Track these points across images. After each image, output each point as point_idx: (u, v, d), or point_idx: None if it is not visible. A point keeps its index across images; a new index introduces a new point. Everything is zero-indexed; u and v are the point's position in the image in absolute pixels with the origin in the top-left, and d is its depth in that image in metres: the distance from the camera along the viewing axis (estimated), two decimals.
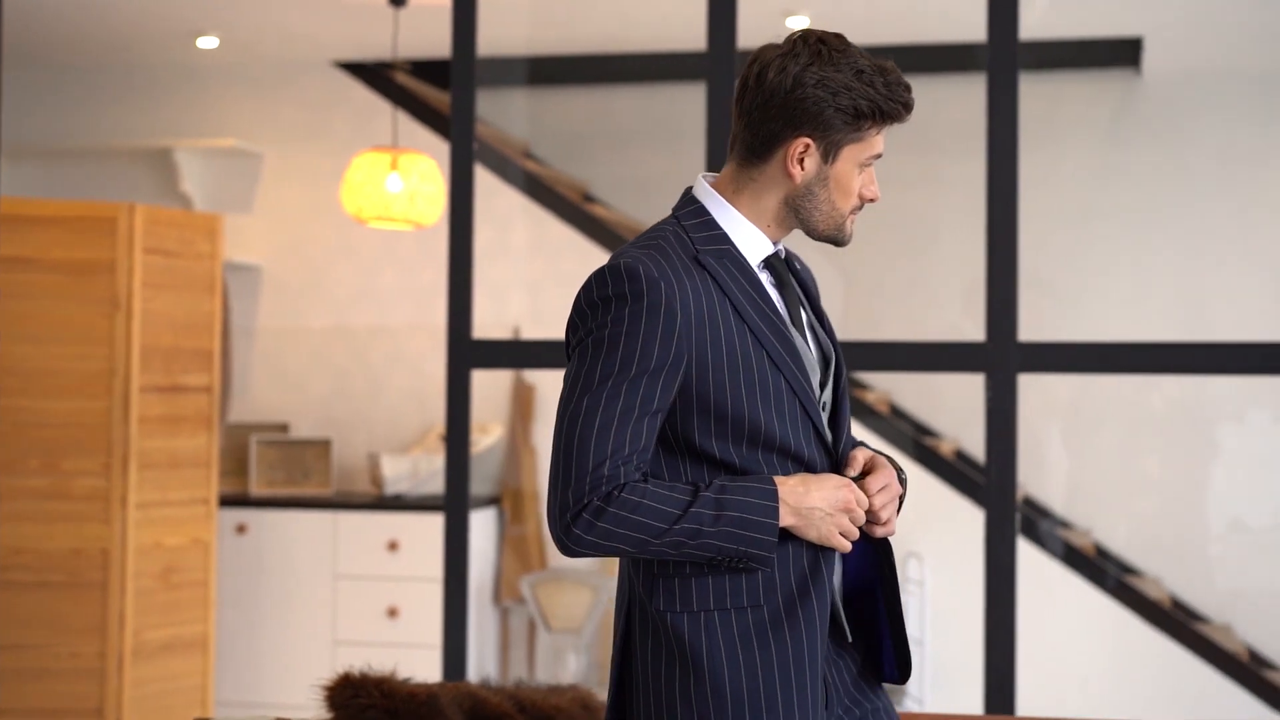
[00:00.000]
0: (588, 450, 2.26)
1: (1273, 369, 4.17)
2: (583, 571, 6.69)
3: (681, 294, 2.30)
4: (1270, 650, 6.67)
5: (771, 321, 2.37)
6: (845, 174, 2.42)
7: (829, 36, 2.39)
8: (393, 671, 2.92)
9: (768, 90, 2.37)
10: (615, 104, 7.56)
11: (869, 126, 2.39)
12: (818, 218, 2.44)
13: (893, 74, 2.39)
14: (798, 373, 2.38)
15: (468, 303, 4.51)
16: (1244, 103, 6.93)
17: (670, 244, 2.37)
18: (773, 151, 2.39)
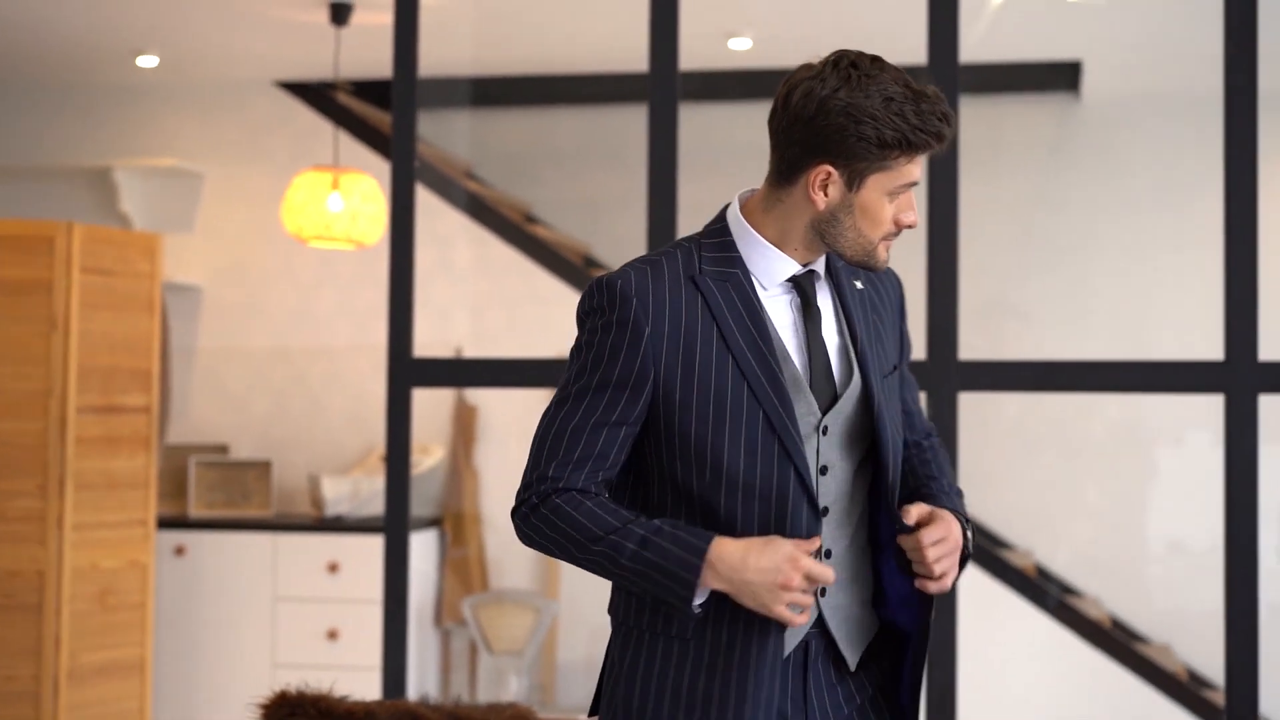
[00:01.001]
0: (541, 452, 2.34)
1: (1210, 388, 4.19)
2: (524, 593, 6.66)
3: (655, 312, 2.31)
4: (1209, 670, 6.70)
5: (760, 352, 2.34)
6: (872, 202, 2.34)
7: (862, 59, 2.33)
8: (330, 690, 2.89)
9: (792, 114, 2.32)
10: (558, 125, 7.55)
11: (896, 156, 2.31)
12: (844, 244, 2.38)
13: (928, 102, 2.31)
14: (779, 407, 2.33)
15: (408, 320, 4.48)
16: (1181, 126, 6.99)
17: (673, 260, 2.38)
18: (796, 176, 2.34)
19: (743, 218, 2.40)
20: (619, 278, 2.34)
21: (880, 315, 2.51)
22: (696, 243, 2.41)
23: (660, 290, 2.33)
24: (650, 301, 2.31)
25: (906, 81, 2.32)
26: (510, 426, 6.96)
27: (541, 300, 6.96)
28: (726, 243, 2.39)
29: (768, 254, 2.38)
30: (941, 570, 2.36)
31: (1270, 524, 6.71)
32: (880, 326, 2.50)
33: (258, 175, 7.20)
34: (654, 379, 2.32)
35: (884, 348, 2.48)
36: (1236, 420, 4.13)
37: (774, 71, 7.17)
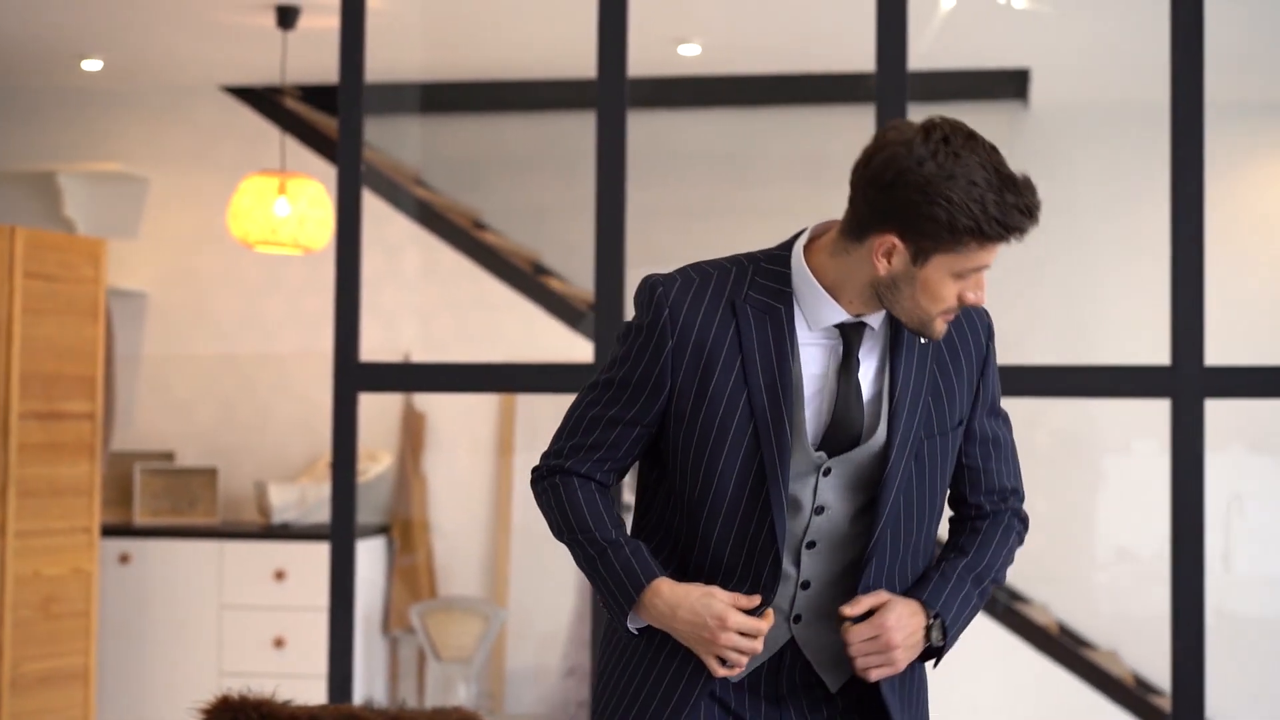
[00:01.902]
0: (565, 428, 2.45)
1: (1157, 392, 4.20)
2: (473, 600, 6.64)
3: (684, 328, 2.34)
4: (1155, 676, 6.73)
5: (775, 395, 2.33)
6: (935, 280, 2.27)
7: (956, 134, 2.22)
8: (273, 694, 2.86)
9: (871, 174, 2.24)
10: (507, 132, 7.53)
11: (967, 241, 2.23)
12: (900, 311, 2.32)
13: (1014, 193, 2.21)
14: (776, 454, 2.33)
15: (355, 325, 4.46)
16: (1128, 134, 7.02)
17: (724, 277, 2.37)
18: (864, 237, 2.28)
19: (805, 257, 2.35)
20: (662, 284, 2.37)
21: (954, 368, 2.44)
22: (756, 263, 2.38)
23: (696, 308, 2.35)
24: (682, 317, 2.34)
25: (997, 166, 2.21)
26: (459, 433, 6.93)
27: (490, 307, 6.94)
28: (782, 275, 2.35)
29: (819, 298, 2.34)
30: (863, 666, 2.37)
31: (1216, 530, 6.77)
32: (952, 379, 2.44)
33: (204, 181, 7.15)
34: (669, 390, 2.37)
35: (947, 403, 2.43)
36: (1183, 424, 4.15)
37: (723, 78, 7.19)
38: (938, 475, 2.45)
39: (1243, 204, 7.01)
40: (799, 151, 7.29)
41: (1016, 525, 2.55)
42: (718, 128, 7.37)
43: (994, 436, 2.52)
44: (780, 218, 7.31)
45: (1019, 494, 2.56)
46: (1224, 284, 6.25)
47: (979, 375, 2.47)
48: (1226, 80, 5.94)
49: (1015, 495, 2.56)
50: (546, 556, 6.77)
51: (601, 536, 2.40)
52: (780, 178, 7.34)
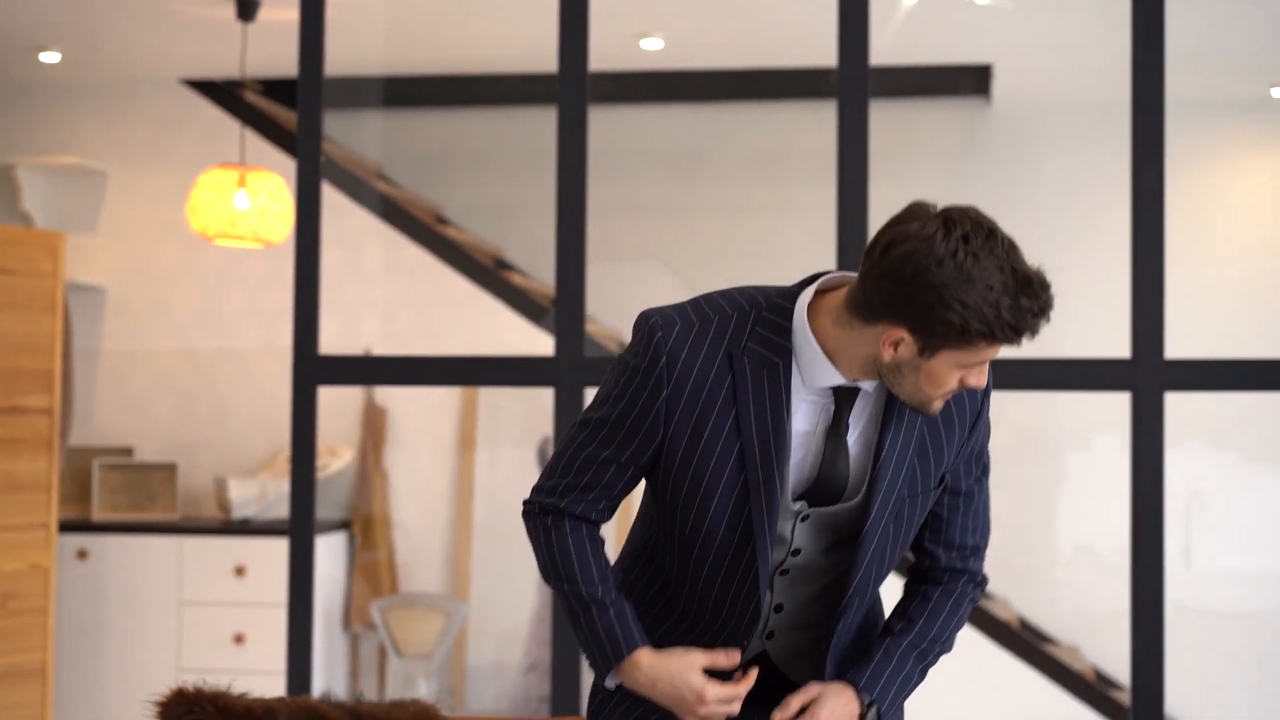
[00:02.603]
0: (557, 466, 2.45)
1: (1117, 385, 4.21)
2: (434, 596, 6.62)
3: (679, 378, 2.32)
4: (1116, 670, 6.75)
5: (769, 451, 2.33)
6: (940, 371, 2.26)
7: (976, 232, 2.19)
8: (229, 686, 2.84)
9: (886, 266, 2.19)
10: (470, 126, 7.51)
11: (979, 342, 2.21)
12: (898, 390, 2.31)
13: (1029, 297, 2.19)
14: (765, 513, 2.34)
15: (314, 317, 4.43)
16: (1089, 131, 7.04)
17: (724, 323, 2.34)
18: (873, 321, 2.24)
19: (808, 318, 2.32)
20: (661, 329, 2.33)
21: (945, 429, 2.43)
22: (758, 310, 2.34)
23: (694, 356, 2.32)
24: (679, 366, 2.32)
25: (1015, 265, 2.19)
26: (420, 429, 6.91)
27: (452, 302, 6.91)
28: (783, 329, 2.32)
29: (817, 361, 2.31)
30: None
31: (1177, 526, 6.79)
32: (941, 440, 2.42)
33: (163, 174, 7.11)
34: (663, 434, 2.36)
35: (934, 462, 2.42)
36: (1143, 417, 4.16)
37: (686, 73, 7.18)
38: (914, 527, 2.48)
39: (1203, 201, 7.04)
40: (761, 147, 7.29)
41: (970, 591, 2.56)
42: (680, 123, 7.37)
43: (965, 490, 2.51)
44: (743, 214, 7.35)
45: (979, 553, 2.56)
46: (1184, 279, 6.28)
47: (969, 433, 2.46)
48: (1187, 77, 5.97)
49: (975, 555, 2.55)
50: (508, 553, 6.75)
51: (588, 593, 2.41)
52: (742, 173, 7.34)
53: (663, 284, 7.28)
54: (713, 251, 7.32)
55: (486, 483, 6.82)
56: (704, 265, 7.29)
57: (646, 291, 7.25)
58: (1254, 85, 6.89)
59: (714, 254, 7.32)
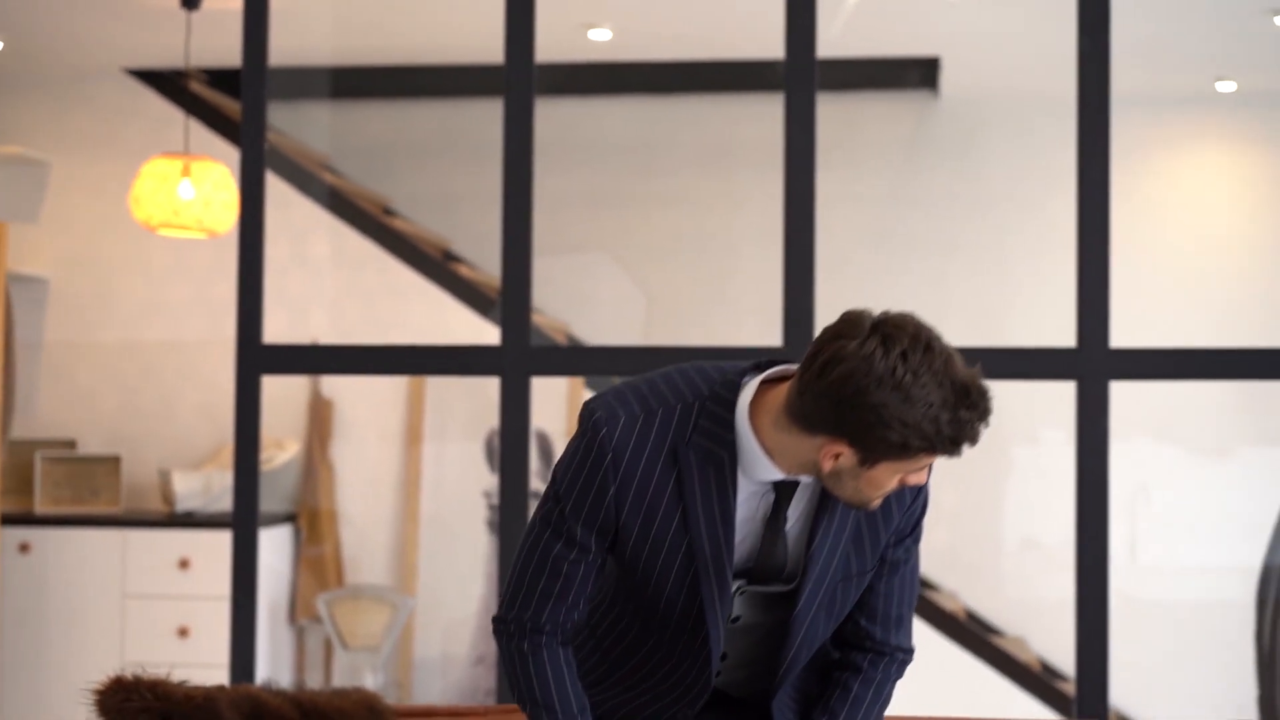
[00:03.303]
0: (523, 580, 2.44)
1: (1063, 374, 4.23)
2: (381, 589, 6.59)
3: (626, 474, 2.34)
4: (1061, 662, 6.78)
5: (718, 543, 2.35)
6: (880, 478, 2.28)
7: (914, 348, 2.18)
8: (168, 674, 2.81)
9: (825, 385, 2.20)
10: (417, 118, 7.48)
11: (919, 454, 2.23)
12: (839, 494, 2.33)
13: (969, 408, 2.20)
14: (716, 596, 2.37)
15: (258, 305, 4.40)
16: (1036, 124, 7.07)
17: (668, 416, 2.35)
18: (813, 433, 2.26)
19: (749, 416, 2.32)
20: (605, 424, 2.35)
21: (883, 513, 2.44)
22: (702, 402, 2.35)
23: (639, 453, 2.34)
24: (625, 462, 2.34)
25: (953, 379, 2.19)
26: (367, 422, 6.88)
27: (400, 294, 6.89)
28: (726, 422, 2.33)
29: (757, 458, 2.33)
30: None
31: (1122, 519, 6.82)
32: (878, 525, 2.44)
33: (107, 164, 7.05)
34: (615, 525, 2.38)
35: (869, 546, 2.44)
36: (1088, 406, 4.17)
37: (634, 64, 7.16)
38: (849, 605, 2.50)
39: (1149, 193, 7.08)
40: (709, 139, 7.28)
41: (893, 673, 2.57)
42: (627, 115, 7.36)
43: (893, 560, 2.51)
44: (690, 206, 7.34)
45: (903, 623, 2.57)
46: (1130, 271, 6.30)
47: (905, 515, 2.47)
48: (1133, 70, 5.99)
49: (899, 627, 2.56)
50: (454, 546, 6.73)
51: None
52: (689, 166, 7.33)
53: (610, 276, 7.28)
54: (660, 243, 7.31)
55: (433, 476, 6.79)
56: (652, 257, 7.28)
57: (595, 284, 7.25)
58: (1199, 79, 6.93)
59: (662, 246, 7.31)
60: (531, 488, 6.41)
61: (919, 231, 7.16)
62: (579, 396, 6.78)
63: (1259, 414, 7.00)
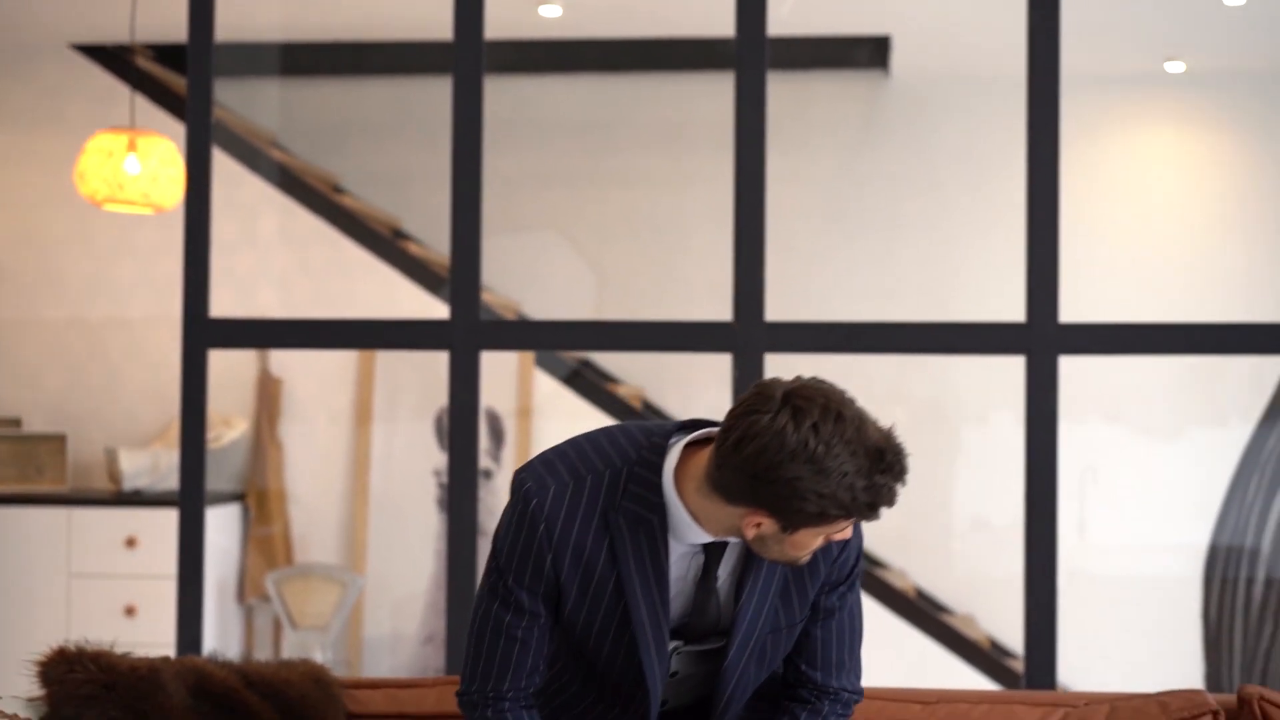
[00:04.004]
0: (478, 656, 2.48)
1: (1012, 349, 4.23)
2: (330, 567, 6.56)
3: (560, 541, 2.38)
4: (1010, 640, 6.81)
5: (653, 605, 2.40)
6: (803, 541, 2.32)
7: (825, 420, 2.22)
8: (111, 646, 2.78)
9: (739, 460, 2.24)
10: (366, 95, 7.44)
11: (838, 520, 2.28)
12: (765, 556, 2.37)
13: (883, 473, 2.24)
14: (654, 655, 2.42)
15: (204, 279, 4.36)
16: (987, 103, 7.08)
17: (597, 483, 2.39)
18: (734, 504, 2.30)
19: (674, 481, 2.37)
20: (536, 494, 2.39)
21: (808, 571, 2.48)
22: (630, 467, 2.39)
23: (571, 520, 2.38)
24: (558, 529, 2.38)
25: (866, 445, 2.24)
26: (316, 400, 6.84)
27: (349, 272, 6.85)
28: (654, 486, 2.37)
29: (684, 523, 2.37)
30: None
31: (1071, 499, 6.85)
32: (805, 580, 2.48)
33: (52, 141, 6.98)
34: (557, 588, 2.43)
35: (797, 600, 2.48)
36: (1037, 380, 4.18)
37: (585, 42, 7.14)
38: (780, 655, 2.55)
39: (1098, 173, 7.10)
40: (660, 118, 7.27)
41: (839, 710, 2.61)
42: (578, 93, 7.33)
43: (827, 608, 2.55)
44: (641, 185, 7.32)
45: (845, 668, 2.60)
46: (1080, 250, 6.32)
47: (832, 564, 2.50)
48: (1082, 51, 6.01)
49: (840, 671, 2.60)
50: (404, 525, 6.70)
51: None
52: (640, 144, 7.32)
53: (561, 255, 7.26)
54: (611, 222, 7.30)
55: (383, 455, 6.76)
56: (603, 236, 7.27)
57: (546, 263, 7.22)
58: (1148, 59, 6.95)
59: (613, 225, 7.29)
60: (481, 465, 6.39)
61: (869, 210, 7.17)
62: (529, 375, 6.76)
63: (1207, 395, 7.04)
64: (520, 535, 2.41)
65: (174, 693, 2.72)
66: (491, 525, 6.55)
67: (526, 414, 6.74)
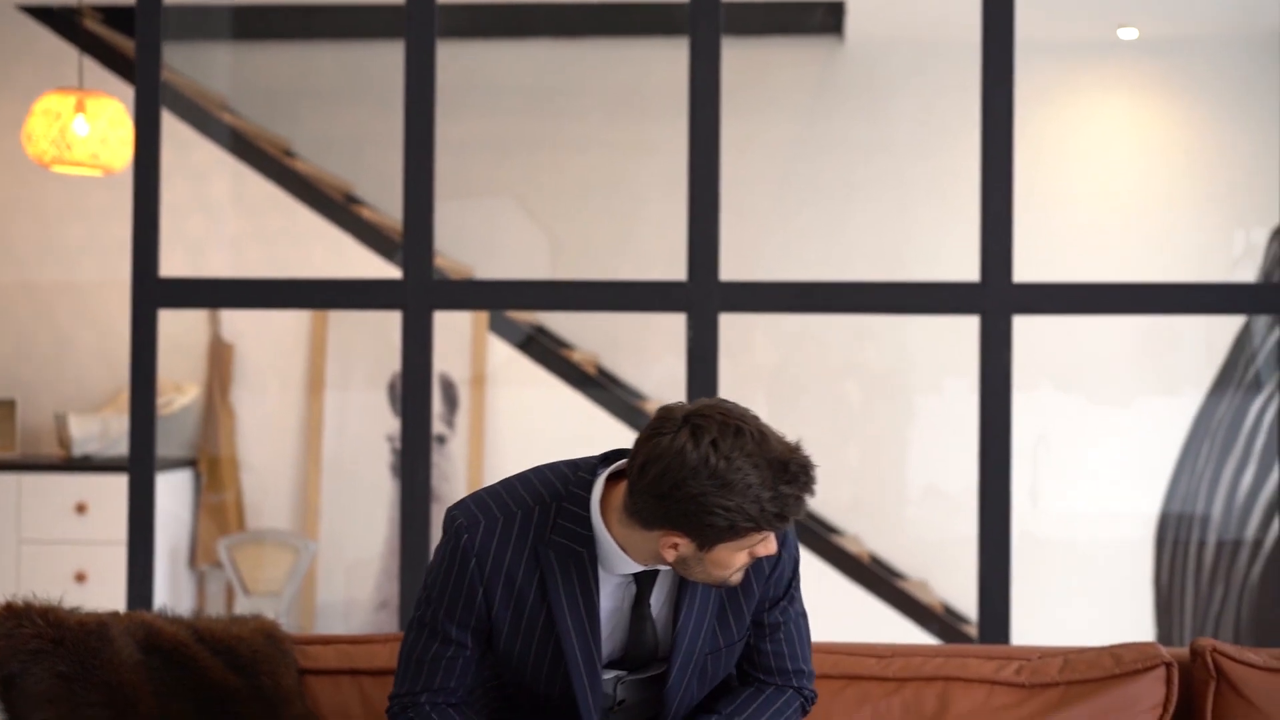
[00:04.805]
0: (404, 675, 2.54)
1: (967, 309, 4.24)
2: (282, 533, 6.53)
3: (491, 574, 2.44)
4: (963, 605, 6.84)
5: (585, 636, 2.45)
6: (723, 558, 2.37)
7: (724, 435, 2.29)
8: (60, 601, 2.76)
9: (646, 484, 2.31)
10: (316, 60, 7.38)
11: (749, 533, 2.33)
12: (693, 578, 2.43)
13: (788, 483, 2.30)
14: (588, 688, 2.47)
15: (154, 238, 4.32)
16: (941, 69, 7.08)
17: (527, 517, 2.45)
18: (650, 529, 2.36)
19: (600, 512, 2.42)
20: (466, 530, 2.45)
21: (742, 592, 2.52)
22: (559, 502, 2.45)
23: (501, 555, 2.44)
24: (489, 564, 2.44)
25: (769, 457, 2.29)
26: (268, 366, 6.80)
27: (301, 237, 6.81)
28: (583, 519, 2.42)
29: (613, 553, 2.43)
30: None
31: (1023, 466, 6.87)
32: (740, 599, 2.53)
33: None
34: (489, 619, 2.48)
35: (734, 621, 2.54)
36: (992, 341, 4.18)
37: (538, 6, 7.10)
38: (719, 674, 2.60)
39: (1053, 140, 7.11)
40: (615, 84, 7.24)
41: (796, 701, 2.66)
42: (531, 58, 7.30)
43: (771, 623, 2.60)
44: (595, 151, 7.29)
45: (801, 675, 2.65)
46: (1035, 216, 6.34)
47: (766, 582, 2.54)
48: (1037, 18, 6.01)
49: (797, 676, 2.65)
50: (356, 491, 6.68)
51: None
52: (595, 110, 7.29)
53: (515, 221, 7.23)
54: (566, 188, 7.27)
55: (336, 421, 6.73)
56: (557, 203, 7.24)
57: (499, 229, 7.20)
58: (1101, 26, 6.97)
59: (567, 191, 7.26)
60: (435, 431, 6.37)
61: (823, 175, 7.16)
62: (484, 341, 6.73)
63: (1158, 364, 7.07)
64: (452, 570, 2.46)
65: (123, 648, 2.70)
66: (445, 491, 6.53)
67: (481, 382, 6.72)
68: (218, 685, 2.77)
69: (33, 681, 2.64)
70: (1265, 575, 6.70)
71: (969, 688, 2.98)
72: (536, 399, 6.76)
